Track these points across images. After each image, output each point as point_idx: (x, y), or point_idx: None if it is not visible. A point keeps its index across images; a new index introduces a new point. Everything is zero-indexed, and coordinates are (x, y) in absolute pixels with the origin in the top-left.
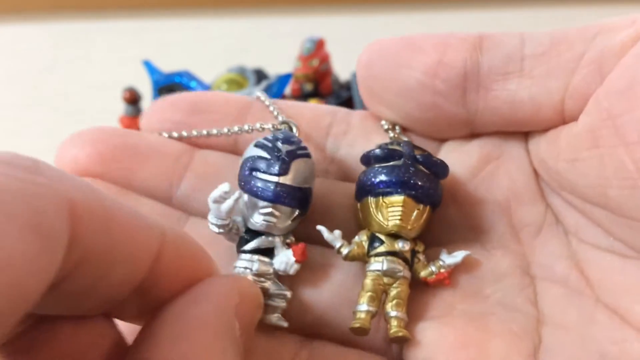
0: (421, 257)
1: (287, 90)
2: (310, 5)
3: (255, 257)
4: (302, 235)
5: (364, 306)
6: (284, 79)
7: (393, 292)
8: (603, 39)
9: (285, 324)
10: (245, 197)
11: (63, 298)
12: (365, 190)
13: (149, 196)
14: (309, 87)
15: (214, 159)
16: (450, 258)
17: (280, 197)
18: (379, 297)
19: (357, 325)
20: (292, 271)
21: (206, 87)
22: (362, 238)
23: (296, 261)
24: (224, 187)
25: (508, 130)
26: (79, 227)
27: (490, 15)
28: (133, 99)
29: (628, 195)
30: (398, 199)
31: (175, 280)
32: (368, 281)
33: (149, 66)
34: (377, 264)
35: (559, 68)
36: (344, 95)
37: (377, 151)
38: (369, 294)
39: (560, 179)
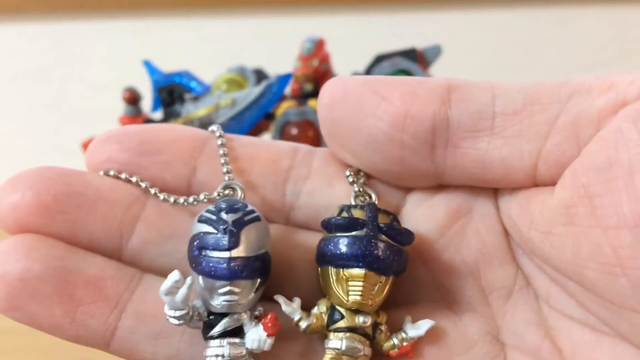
0: (384, 328)
1: (287, 90)
2: (310, 5)
3: (225, 340)
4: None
5: None
6: (284, 79)
7: None
8: (579, 102)
9: None
10: (200, 279)
11: None
12: (325, 259)
13: (97, 250)
14: (309, 87)
15: (167, 207)
16: (414, 330)
17: (236, 272)
18: None
19: None
20: (266, 347)
21: (206, 87)
22: (321, 309)
23: (268, 335)
24: (174, 276)
25: (477, 186)
26: None
27: (490, 15)
28: (133, 99)
29: (605, 280)
30: (359, 272)
31: None
32: (327, 359)
33: (149, 66)
34: (336, 342)
35: (531, 130)
36: None
37: (339, 219)
38: None
39: (532, 247)
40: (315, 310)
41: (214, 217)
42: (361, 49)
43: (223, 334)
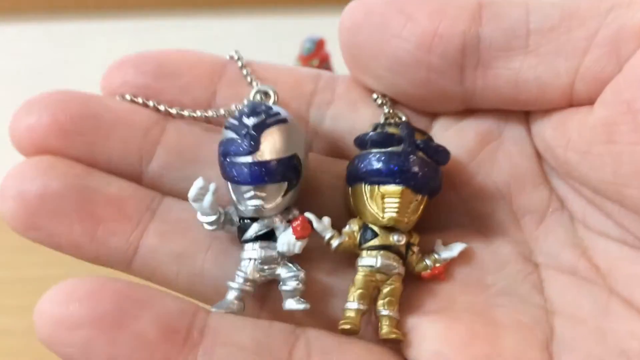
0: (415, 249)
1: None
2: (310, 5)
3: (257, 244)
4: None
5: (354, 304)
6: None
7: (386, 289)
8: (619, 15)
9: (306, 306)
10: (228, 184)
11: None
12: (359, 176)
13: (116, 173)
14: None
15: (189, 130)
16: (446, 252)
17: (257, 177)
18: (370, 294)
19: (347, 326)
20: (297, 250)
21: None
22: (353, 228)
23: (297, 238)
24: (198, 183)
25: (508, 109)
26: None
27: None
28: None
29: None
30: (396, 189)
31: None
32: (359, 277)
33: None
34: (370, 260)
35: (569, 47)
36: None
37: (374, 135)
38: (360, 291)
39: (569, 168)
40: (346, 229)
41: (236, 123)
42: None
43: (256, 238)
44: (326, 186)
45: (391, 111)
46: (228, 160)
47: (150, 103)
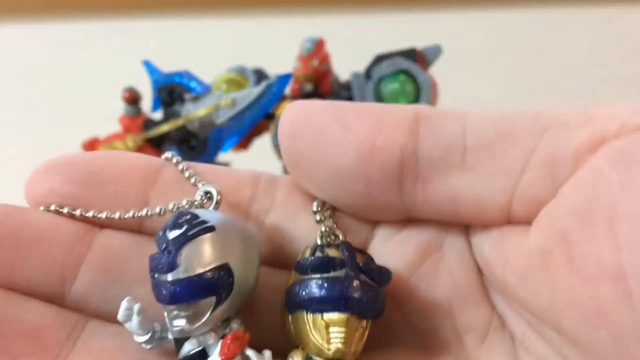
0: None
1: (287, 90)
2: (310, 5)
3: None
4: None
5: None
6: (284, 79)
7: None
8: (554, 136)
9: None
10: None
11: None
12: (300, 304)
13: (36, 295)
14: (309, 87)
15: (118, 242)
16: None
17: (176, 296)
18: None
19: None
20: None
21: (206, 87)
22: None
23: (223, 359)
24: (124, 304)
25: (449, 221)
26: None
27: (490, 15)
28: (133, 99)
29: (585, 332)
30: (341, 317)
31: None
32: None
33: (149, 66)
34: None
35: (505, 166)
36: (344, 95)
37: (314, 260)
38: None
39: (507, 290)
40: None
41: (160, 235)
42: (361, 49)
43: (192, 358)
44: (263, 300)
45: (327, 229)
46: (153, 277)
47: (78, 212)
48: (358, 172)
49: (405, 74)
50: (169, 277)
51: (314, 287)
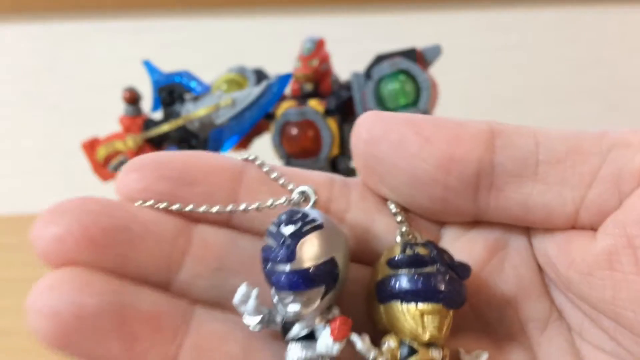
0: None
1: (287, 90)
2: (310, 5)
3: (299, 345)
4: None
5: None
6: (284, 79)
7: None
8: (619, 155)
9: None
10: (273, 289)
11: None
12: (395, 295)
13: (146, 284)
14: (309, 87)
15: (214, 237)
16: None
17: (295, 284)
18: None
19: None
20: (335, 352)
21: (206, 87)
22: (392, 346)
23: (335, 340)
24: (242, 289)
25: (514, 224)
26: None
27: (490, 15)
28: (133, 99)
29: None
30: (435, 307)
31: None
32: None
33: (149, 66)
34: None
35: (574, 179)
36: (344, 95)
37: (407, 257)
38: None
39: (569, 284)
40: (385, 347)
41: (275, 230)
42: (361, 49)
43: (300, 338)
44: (347, 292)
45: (407, 229)
46: (268, 266)
47: (176, 207)
48: (437, 180)
49: (405, 74)
50: (287, 267)
51: (410, 280)
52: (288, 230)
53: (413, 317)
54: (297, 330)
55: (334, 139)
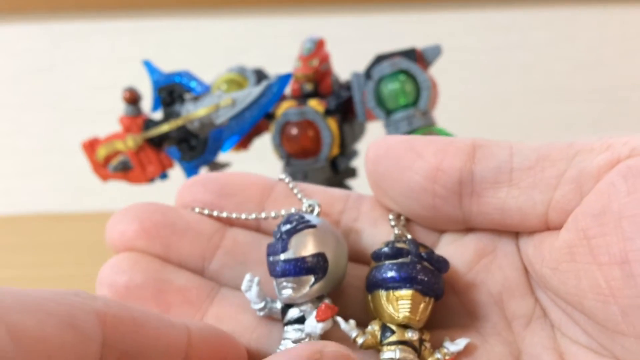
0: (427, 344)
1: (287, 90)
2: (310, 5)
3: (293, 327)
4: None
5: None
6: (284, 79)
7: None
8: (582, 159)
9: None
10: (274, 281)
11: None
12: (377, 284)
13: (185, 268)
14: (309, 87)
15: (242, 237)
16: (454, 346)
17: (285, 271)
18: None
19: None
20: (318, 330)
21: (206, 87)
22: (374, 328)
23: (318, 321)
24: (247, 277)
25: (499, 229)
26: (111, 332)
27: (490, 15)
28: (133, 99)
29: (601, 308)
30: (407, 292)
31: None
32: None
33: (149, 66)
34: (390, 353)
35: (543, 183)
36: (344, 95)
37: (387, 249)
38: None
39: (544, 281)
40: (369, 328)
41: (276, 229)
42: (361, 49)
43: (293, 321)
44: (350, 286)
45: (399, 232)
46: (270, 258)
47: (215, 213)
48: (427, 189)
49: (405, 74)
50: (281, 257)
51: (388, 270)
52: (285, 227)
53: (390, 302)
54: (291, 314)
55: (334, 139)
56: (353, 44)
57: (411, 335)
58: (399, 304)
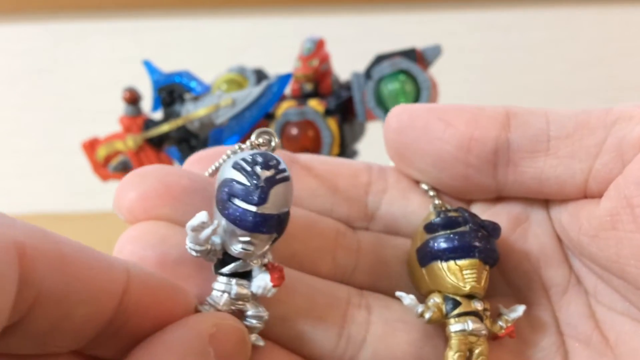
0: (488, 314)
1: (287, 90)
2: (310, 5)
3: (233, 280)
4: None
5: None
6: (284, 79)
7: (477, 349)
8: (622, 127)
9: (262, 344)
10: (224, 221)
11: (25, 337)
12: (434, 255)
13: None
14: (309, 87)
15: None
16: (513, 313)
17: (259, 226)
18: (466, 356)
19: None
20: (270, 295)
21: (206, 87)
22: (437, 301)
23: (274, 286)
24: (202, 216)
25: (532, 197)
26: (30, 268)
27: (490, 15)
28: (133, 99)
29: None
30: (472, 262)
31: (147, 317)
32: (455, 342)
33: (149, 66)
34: (461, 325)
35: (582, 152)
36: (344, 95)
37: (441, 220)
38: (458, 354)
39: (581, 248)
40: (431, 302)
41: (248, 169)
42: (361, 49)
43: (233, 274)
44: (390, 256)
45: (440, 202)
46: (232, 201)
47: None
48: (459, 159)
49: (405, 74)
50: (256, 209)
51: (447, 240)
52: (264, 174)
53: (453, 273)
54: (234, 267)
55: (334, 139)
56: (353, 44)
57: (477, 305)
58: (464, 274)
